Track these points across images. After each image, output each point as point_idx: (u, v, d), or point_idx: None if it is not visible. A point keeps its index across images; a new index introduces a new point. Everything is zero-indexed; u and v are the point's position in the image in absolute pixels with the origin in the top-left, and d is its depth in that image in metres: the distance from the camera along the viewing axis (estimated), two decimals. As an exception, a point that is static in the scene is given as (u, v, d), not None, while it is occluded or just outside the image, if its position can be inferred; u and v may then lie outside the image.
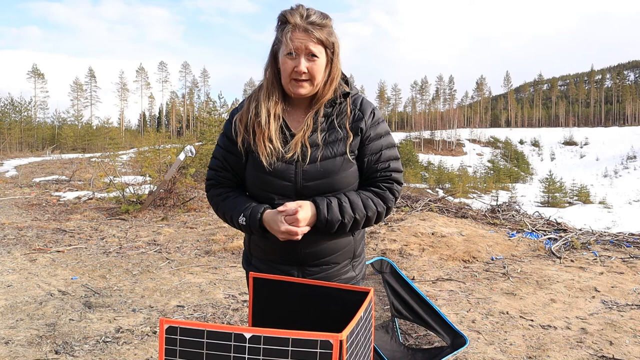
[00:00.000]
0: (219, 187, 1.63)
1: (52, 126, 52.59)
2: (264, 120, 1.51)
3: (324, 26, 1.47)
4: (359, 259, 1.66)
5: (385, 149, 1.58)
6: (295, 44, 1.44)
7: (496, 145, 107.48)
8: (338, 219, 1.47)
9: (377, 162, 1.56)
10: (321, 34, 1.46)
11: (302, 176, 1.50)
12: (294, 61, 1.47)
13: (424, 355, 3.02)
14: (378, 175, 1.56)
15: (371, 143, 1.56)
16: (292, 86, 1.50)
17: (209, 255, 5.97)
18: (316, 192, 1.50)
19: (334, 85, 1.55)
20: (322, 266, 1.56)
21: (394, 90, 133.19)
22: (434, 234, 6.04)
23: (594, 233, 6.58)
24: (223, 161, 1.61)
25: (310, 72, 1.48)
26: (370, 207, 1.52)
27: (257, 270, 1.63)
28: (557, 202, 48.75)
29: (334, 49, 1.51)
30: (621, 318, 3.72)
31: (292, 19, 1.45)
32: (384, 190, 1.56)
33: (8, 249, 6.23)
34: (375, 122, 1.57)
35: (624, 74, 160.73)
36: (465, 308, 4.00)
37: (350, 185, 1.54)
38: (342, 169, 1.51)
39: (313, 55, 1.47)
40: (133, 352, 3.22)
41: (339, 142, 1.52)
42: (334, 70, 1.53)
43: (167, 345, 1.06)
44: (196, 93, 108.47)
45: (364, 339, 1.21)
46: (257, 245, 1.62)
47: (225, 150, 1.60)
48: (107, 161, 15.48)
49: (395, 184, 1.58)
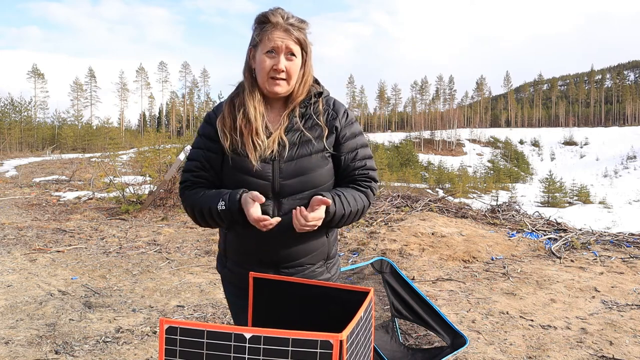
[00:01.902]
0: (194, 188, 1.62)
1: (52, 126, 52.63)
2: (252, 115, 1.54)
3: (302, 28, 1.55)
4: (333, 260, 1.69)
5: (360, 148, 1.64)
6: (276, 43, 1.51)
7: (496, 145, 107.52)
8: (342, 212, 1.52)
9: (354, 160, 1.62)
10: (299, 35, 1.53)
11: (280, 174, 1.53)
12: (273, 60, 1.52)
13: (424, 355, 3.02)
14: (356, 173, 1.63)
15: (347, 142, 1.62)
16: (269, 84, 1.55)
17: (209, 255, 5.97)
18: (293, 191, 1.53)
19: (307, 85, 1.61)
20: (296, 267, 1.58)
21: (394, 90, 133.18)
22: (434, 234, 6.04)
23: (594, 233, 6.58)
24: (203, 162, 1.61)
25: (288, 71, 1.54)
26: (359, 202, 1.59)
27: (231, 273, 1.64)
28: (557, 202, 48.79)
29: (308, 51, 1.58)
30: (621, 318, 3.72)
31: (274, 18, 1.51)
32: (365, 188, 1.63)
33: (8, 249, 6.23)
34: (349, 122, 1.64)
35: (624, 74, 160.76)
36: (465, 308, 4.00)
37: (326, 182, 1.59)
38: (318, 167, 1.56)
39: (292, 55, 1.53)
40: (133, 352, 3.22)
41: (315, 140, 1.56)
42: (307, 71, 1.60)
43: (167, 345, 1.06)
44: (196, 93, 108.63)
45: (364, 339, 1.21)
46: (232, 248, 1.63)
47: (207, 150, 1.61)
48: (107, 161, 15.47)
49: (372, 182, 1.66)
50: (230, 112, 1.58)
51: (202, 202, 1.56)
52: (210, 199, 1.53)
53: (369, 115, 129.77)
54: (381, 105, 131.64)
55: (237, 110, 1.57)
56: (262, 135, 1.54)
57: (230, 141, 1.56)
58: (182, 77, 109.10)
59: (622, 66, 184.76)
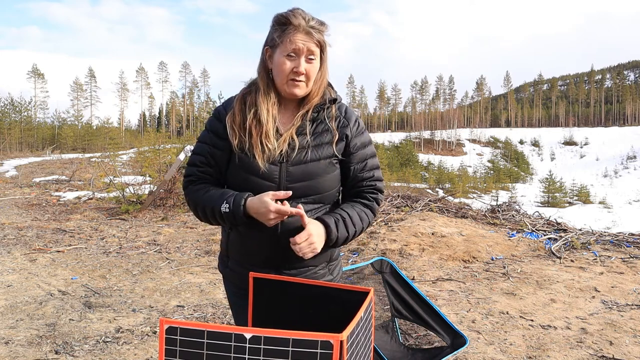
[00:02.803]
0: (199, 183, 1.61)
1: (52, 126, 52.63)
2: (264, 118, 1.52)
3: (322, 31, 1.54)
4: (335, 262, 1.69)
5: (369, 158, 1.64)
6: (297, 45, 1.49)
7: (496, 145, 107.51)
8: (345, 235, 1.52)
9: (363, 170, 1.62)
10: (320, 37, 1.52)
11: (287, 177, 1.52)
12: (293, 62, 1.50)
13: (424, 355, 3.02)
14: (364, 184, 1.63)
15: (358, 152, 1.61)
16: (288, 86, 1.53)
17: (209, 255, 5.98)
18: (299, 195, 1.52)
19: (323, 86, 1.60)
20: (299, 269, 1.58)
21: (394, 90, 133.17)
22: (434, 234, 6.04)
23: (594, 233, 6.58)
24: (209, 157, 1.59)
25: (308, 73, 1.52)
26: (364, 220, 1.59)
27: (233, 273, 1.64)
28: (557, 202, 48.77)
29: (325, 53, 1.58)
30: (621, 318, 3.72)
31: (296, 20, 1.49)
32: (372, 201, 1.64)
33: (8, 249, 6.23)
34: (360, 131, 1.63)
35: (624, 74, 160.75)
36: (465, 308, 4.01)
37: (332, 189, 1.58)
38: (325, 172, 1.55)
39: (311, 57, 1.52)
40: (133, 352, 3.22)
41: (325, 145, 1.56)
42: (324, 72, 1.59)
43: (167, 345, 1.06)
44: (196, 93, 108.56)
45: (364, 339, 1.21)
46: (235, 248, 1.63)
47: (212, 147, 1.59)
48: (107, 161, 15.47)
49: (379, 193, 1.66)
50: (241, 109, 1.56)
51: (205, 201, 1.55)
52: (214, 199, 1.52)
53: (369, 115, 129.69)
54: (381, 105, 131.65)
55: (249, 109, 1.55)
56: (272, 138, 1.52)
57: (239, 139, 1.54)
58: (182, 77, 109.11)
59: (622, 66, 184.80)
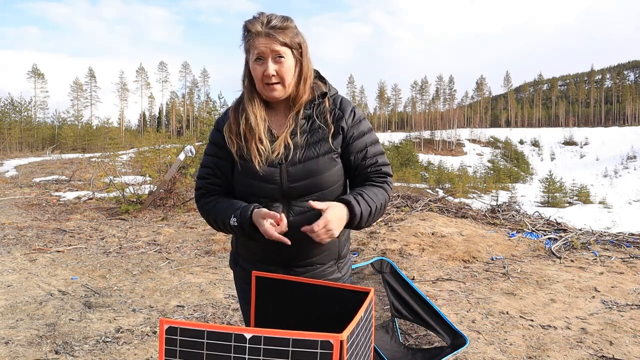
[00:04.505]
0: (209, 195, 1.65)
1: (52, 126, 52.65)
2: (253, 122, 1.55)
3: (286, 28, 1.51)
4: (344, 260, 1.69)
5: (370, 146, 1.62)
6: (260, 49, 1.50)
7: (496, 145, 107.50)
8: (367, 209, 1.49)
9: (364, 159, 1.60)
10: (284, 37, 1.51)
11: (287, 178, 1.53)
12: (262, 66, 1.52)
13: (424, 355, 3.02)
14: (369, 170, 1.61)
15: (355, 142, 1.59)
16: (265, 90, 1.55)
17: (209, 255, 5.98)
18: (302, 193, 1.53)
19: (308, 83, 1.59)
20: (307, 267, 1.59)
21: (394, 90, 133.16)
22: (434, 234, 6.04)
23: (594, 233, 6.58)
24: (214, 168, 1.63)
25: (279, 74, 1.52)
26: (380, 196, 1.56)
27: (243, 270, 1.66)
28: (557, 202, 48.76)
29: (301, 48, 1.56)
30: (621, 318, 3.72)
31: (253, 27, 1.50)
32: (382, 183, 1.60)
33: (8, 249, 6.23)
34: (356, 121, 1.61)
35: (624, 74, 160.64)
36: (465, 308, 4.01)
37: (336, 183, 1.58)
38: (326, 168, 1.55)
39: (279, 57, 1.51)
40: (133, 352, 3.22)
41: (321, 142, 1.55)
42: (305, 69, 1.57)
43: (167, 345, 1.06)
44: (196, 93, 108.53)
45: (364, 339, 1.21)
46: (244, 246, 1.66)
47: (216, 157, 1.63)
48: (107, 161, 15.47)
49: (387, 177, 1.63)
50: (235, 118, 1.60)
51: (216, 213, 1.58)
52: (223, 212, 1.55)
53: (369, 115, 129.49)
54: (381, 105, 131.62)
55: (241, 116, 1.58)
56: (265, 140, 1.54)
57: (237, 147, 1.57)
58: (182, 77, 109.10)
59: (622, 66, 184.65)
